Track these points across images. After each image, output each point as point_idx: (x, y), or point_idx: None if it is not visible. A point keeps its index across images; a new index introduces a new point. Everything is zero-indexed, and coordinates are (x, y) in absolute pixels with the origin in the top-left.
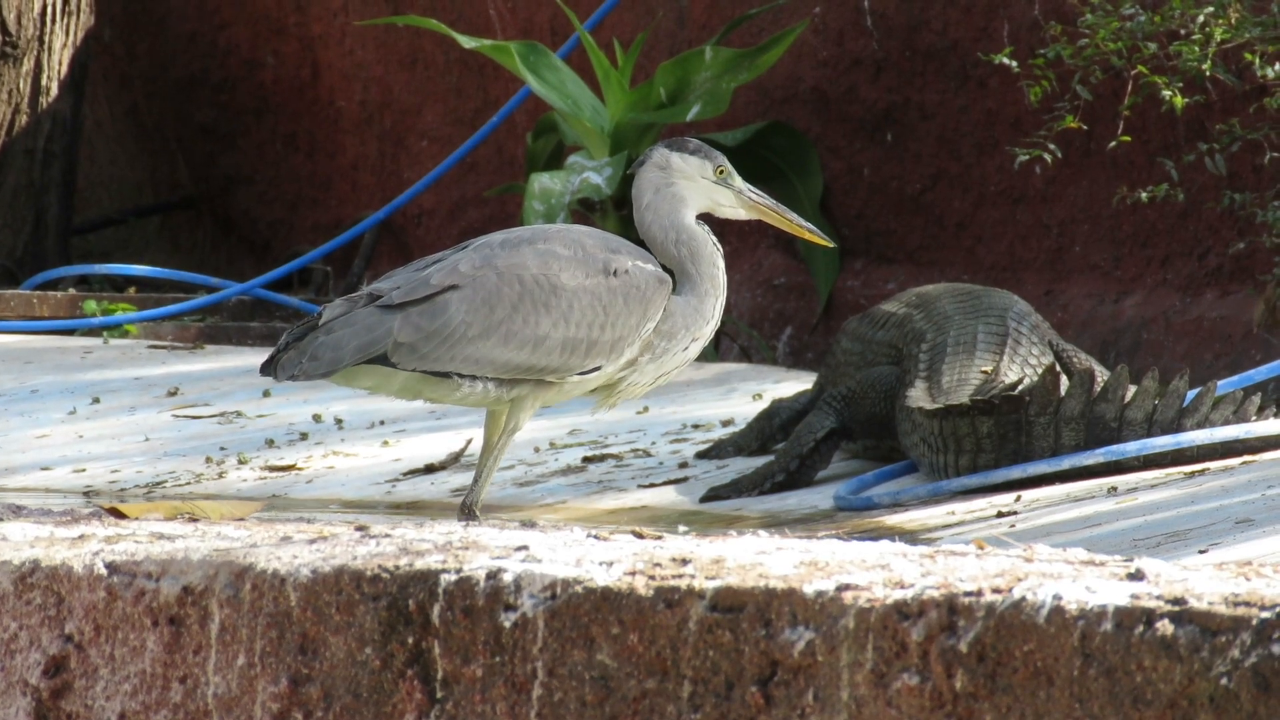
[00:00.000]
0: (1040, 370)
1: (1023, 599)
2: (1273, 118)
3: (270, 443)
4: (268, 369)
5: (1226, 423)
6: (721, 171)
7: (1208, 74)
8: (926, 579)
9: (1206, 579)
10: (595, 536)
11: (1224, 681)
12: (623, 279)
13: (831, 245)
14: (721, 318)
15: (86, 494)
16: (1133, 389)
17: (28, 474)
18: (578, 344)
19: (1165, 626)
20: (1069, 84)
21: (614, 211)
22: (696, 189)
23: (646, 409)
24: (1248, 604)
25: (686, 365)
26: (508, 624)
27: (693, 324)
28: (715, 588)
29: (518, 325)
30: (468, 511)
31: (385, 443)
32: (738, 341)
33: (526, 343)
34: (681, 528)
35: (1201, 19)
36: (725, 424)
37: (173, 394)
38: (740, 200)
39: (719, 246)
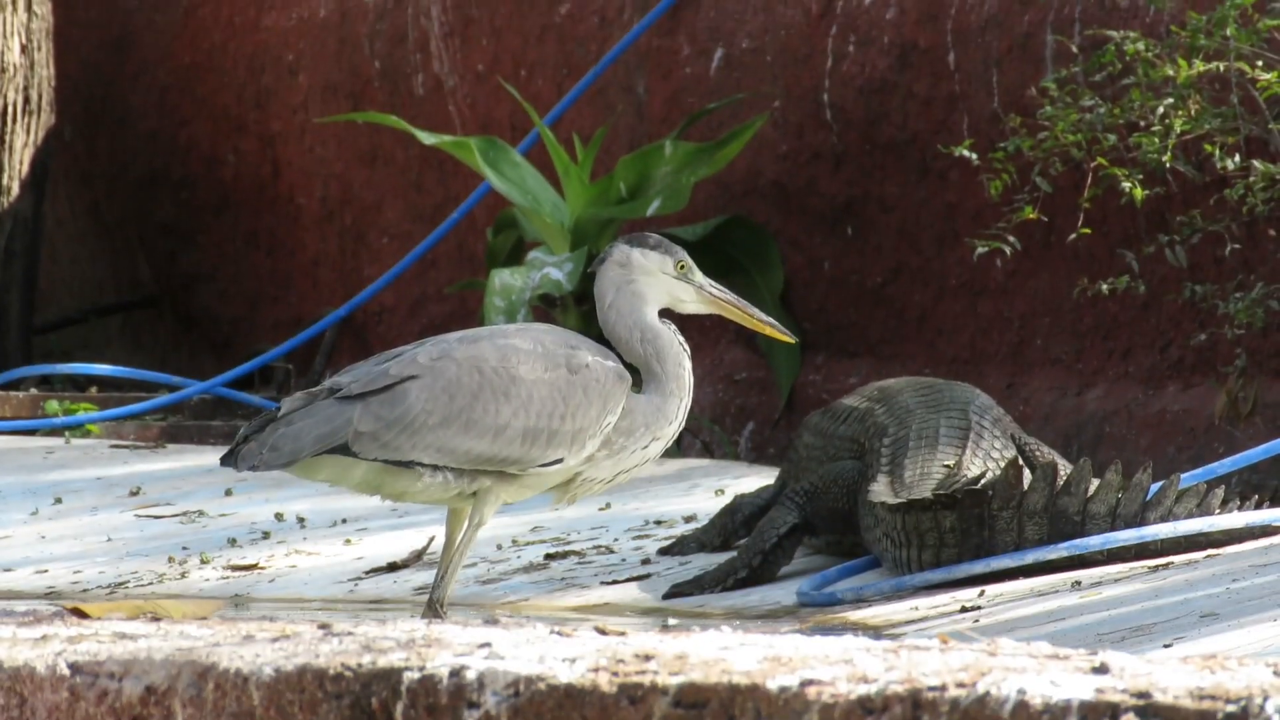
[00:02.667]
0: (1003, 464)
1: (987, 693)
2: (1233, 209)
3: (233, 542)
4: (228, 460)
5: (1190, 516)
6: (682, 266)
7: (1168, 165)
8: (890, 674)
9: (1172, 673)
10: (558, 633)
11: None
12: (582, 373)
13: (793, 341)
14: (686, 418)
15: (49, 595)
16: (1096, 482)
17: None
18: (539, 434)
19: None
20: (1029, 176)
21: (575, 307)
22: (658, 285)
23: (609, 505)
24: (1213, 698)
25: (647, 464)
26: None
27: (654, 423)
28: (679, 684)
29: (478, 414)
30: (434, 608)
31: (348, 541)
32: (699, 437)
33: (487, 431)
34: (672, 620)
35: (1161, 110)
36: (688, 520)
37: (135, 493)
38: (701, 296)
39: (685, 347)
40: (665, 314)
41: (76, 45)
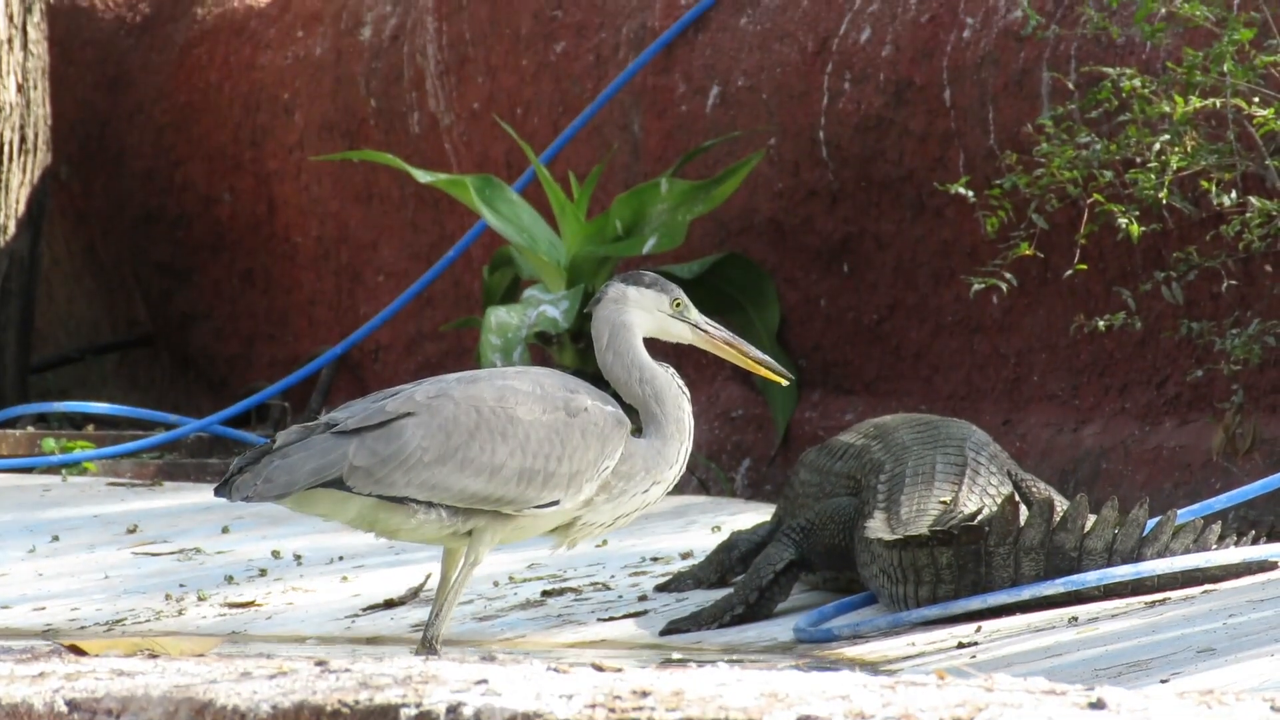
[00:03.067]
0: (999, 500)
1: None
2: (1230, 245)
3: (229, 579)
4: (222, 490)
5: (1187, 551)
6: (678, 304)
7: (1164, 202)
8: (888, 710)
9: (1169, 708)
10: (555, 670)
11: None
12: (580, 416)
13: (787, 381)
14: (686, 463)
15: (46, 632)
16: (1092, 518)
17: None
18: (534, 475)
19: None
20: (1025, 213)
21: (571, 345)
22: (653, 323)
23: (605, 542)
24: None
25: (646, 509)
26: None
27: (654, 467)
28: None
29: (474, 452)
30: (428, 646)
31: (344, 578)
32: (696, 474)
33: (483, 470)
34: (676, 655)
35: (1157, 146)
36: (684, 556)
37: (132, 531)
38: (696, 335)
39: (685, 390)
40: (661, 353)
41: (72, 84)
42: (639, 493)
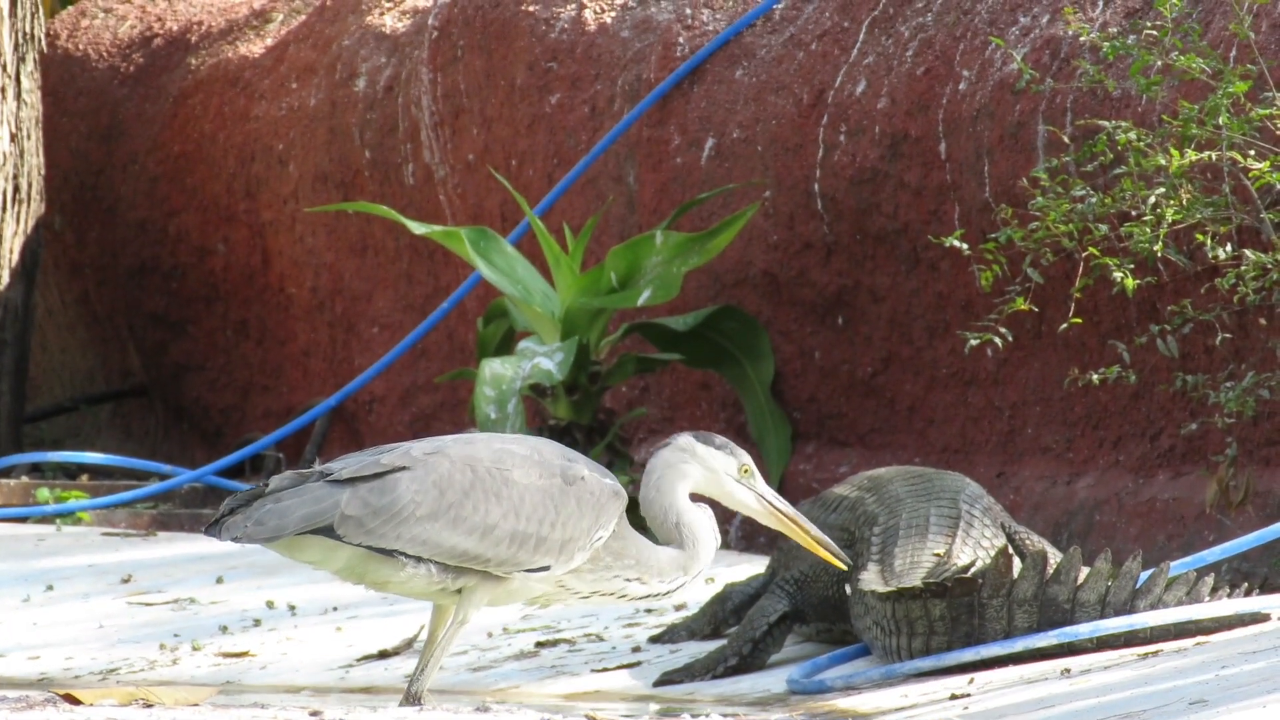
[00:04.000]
0: (993, 552)
1: None
2: (1224, 298)
3: (224, 629)
4: (213, 530)
5: (1180, 604)
6: (746, 470)
7: (1159, 255)
8: None
9: None
10: None
11: None
12: (577, 485)
13: (845, 567)
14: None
15: (41, 681)
16: (1086, 571)
17: None
18: (526, 538)
19: None
20: (1020, 266)
21: (565, 396)
22: (712, 483)
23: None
24: None
25: (623, 599)
26: None
27: (647, 568)
28: None
29: (467, 511)
30: (413, 700)
31: (339, 629)
32: None
33: (475, 529)
34: (653, 706)
35: (1152, 200)
36: (678, 608)
37: (126, 581)
38: (762, 505)
39: (718, 536)
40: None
41: (66, 135)
42: (622, 579)
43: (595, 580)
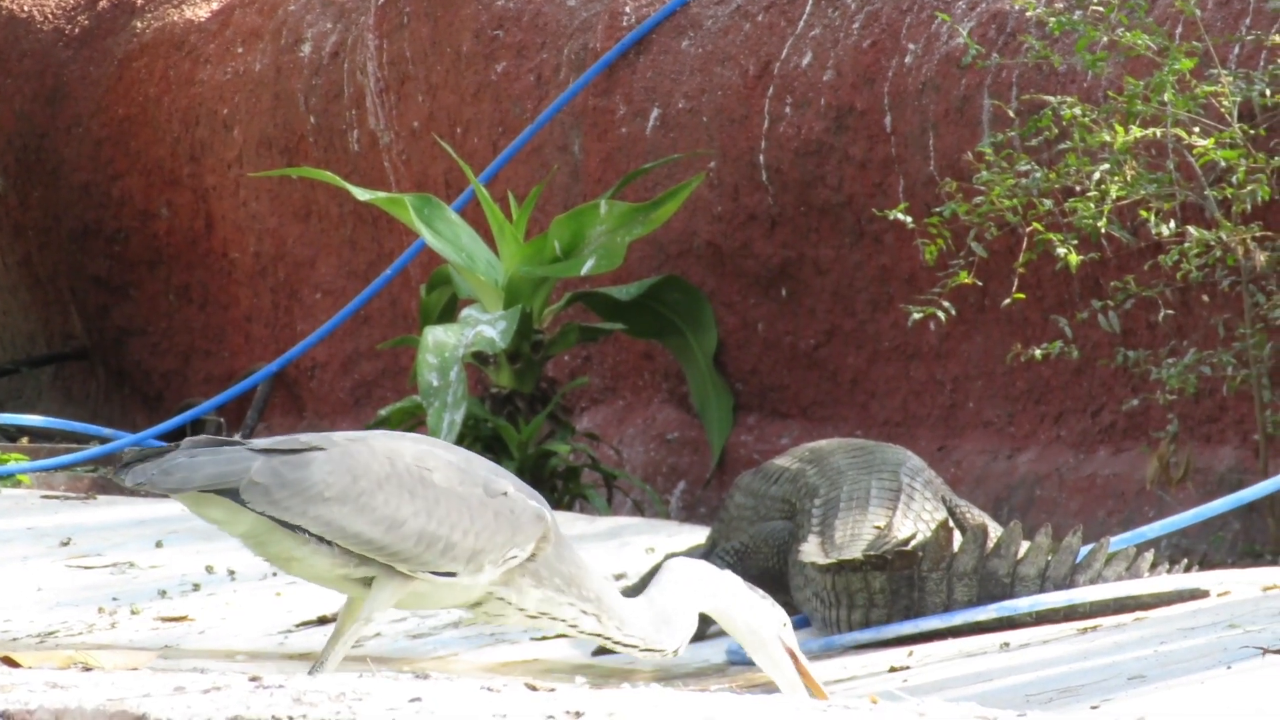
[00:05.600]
0: (933, 526)
1: None
2: (1167, 275)
3: (163, 593)
4: (122, 471)
5: (1119, 579)
6: (785, 625)
7: (1103, 231)
8: None
9: None
10: (488, 688)
11: None
12: (499, 499)
13: (826, 699)
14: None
15: None
16: (1026, 545)
17: None
18: (435, 540)
19: None
20: (964, 240)
21: (508, 365)
22: (740, 620)
23: None
24: None
25: (573, 629)
26: None
27: (607, 613)
28: None
29: (378, 501)
30: None
31: (278, 594)
32: (630, 495)
33: (382, 521)
34: (579, 679)
35: (1097, 176)
36: (618, 578)
37: (65, 544)
38: (785, 658)
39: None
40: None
41: (10, 97)
42: (577, 609)
43: (544, 601)
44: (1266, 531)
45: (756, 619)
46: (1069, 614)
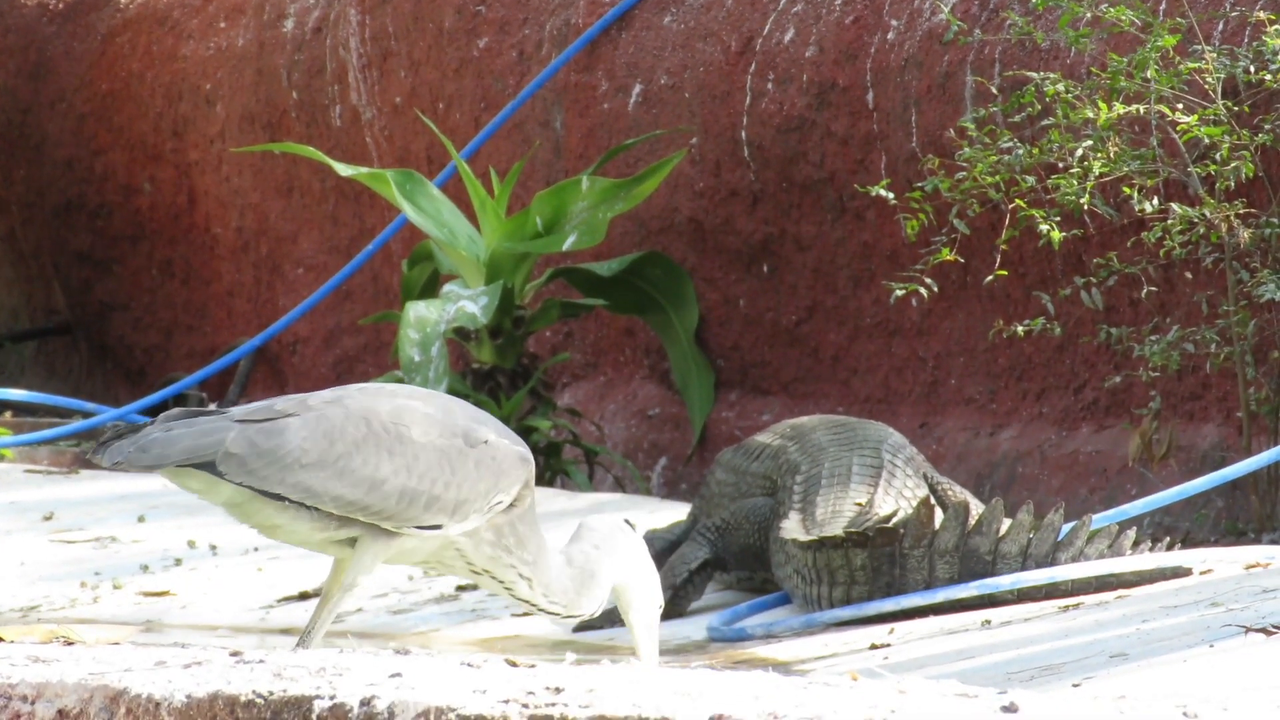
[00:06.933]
0: (915, 503)
1: None
2: (1150, 252)
3: (145, 568)
4: (98, 450)
5: (1101, 557)
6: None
7: (1086, 207)
8: (800, 709)
9: (1081, 712)
10: (469, 664)
11: None
12: (480, 448)
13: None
14: (552, 607)
15: None
16: (1008, 522)
17: None
18: (418, 495)
19: None
20: (946, 217)
21: (489, 340)
22: (625, 577)
23: None
24: None
25: (509, 592)
26: None
27: (539, 577)
28: (589, 716)
29: (356, 463)
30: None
31: (260, 569)
32: (611, 472)
33: (362, 482)
34: (571, 655)
35: (1080, 152)
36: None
37: (48, 518)
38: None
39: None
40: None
41: None
42: (516, 572)
43: (493, 559)
44: (1249, 509)
45: (653, 589)
46: (1051, 592)
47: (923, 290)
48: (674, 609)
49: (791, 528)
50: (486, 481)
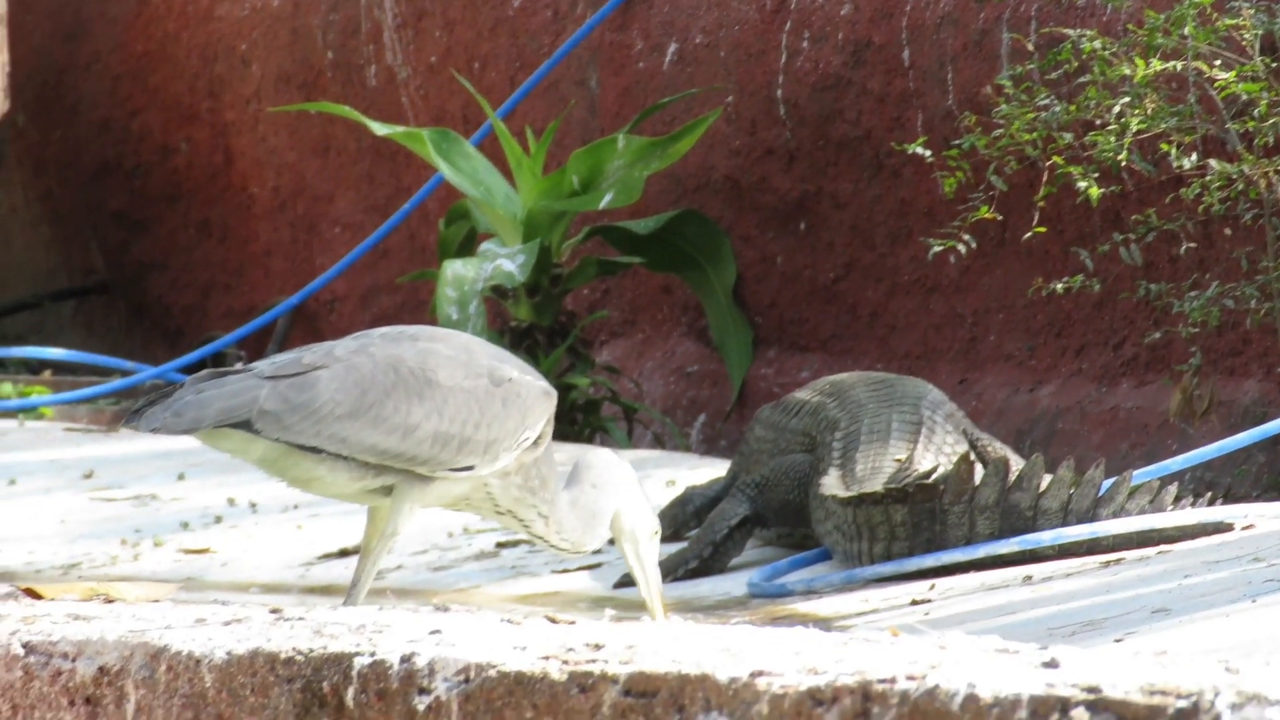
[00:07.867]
0: (954, 459)
1: (936, 686)
2: (1189, 208)
3: (185, 525)
4: (133, 418)
5: (1142, 512)
6: (655, 533)
7: (1124, 164)
8: (840, 665)
9: (1122, 668)
10: (508, 621)
11: None
12: (505, 386)
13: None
14: (565, 543)
15: (2, 575)
16: (1048, 478)
17: None
18: (450, 439)
19: (1081, 715)
20: (983, 174)
21: (526, 299)
22: (637, 520)
23: None
24: (1164, 693)
25: (526, 529)
26: (421, 707)
27: (553, 514)
28: (629, 673)
29: (388, 411)
30: None
31: (299, 526)
32: (651, 429)
33: (396, 429)
34: (610, 611)
35: (1117, 109)
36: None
37: (88, 476)
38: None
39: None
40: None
41: (29, 33)
42: (536, 511)
43: (518, 500)
44: None
45: (645, 518)
46: (1092, 547)
47: (961, 247)
48: (714, 565)
49: (831, 484)
50: (514, 419)
